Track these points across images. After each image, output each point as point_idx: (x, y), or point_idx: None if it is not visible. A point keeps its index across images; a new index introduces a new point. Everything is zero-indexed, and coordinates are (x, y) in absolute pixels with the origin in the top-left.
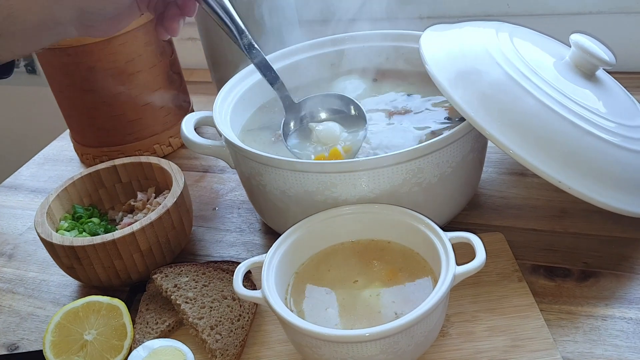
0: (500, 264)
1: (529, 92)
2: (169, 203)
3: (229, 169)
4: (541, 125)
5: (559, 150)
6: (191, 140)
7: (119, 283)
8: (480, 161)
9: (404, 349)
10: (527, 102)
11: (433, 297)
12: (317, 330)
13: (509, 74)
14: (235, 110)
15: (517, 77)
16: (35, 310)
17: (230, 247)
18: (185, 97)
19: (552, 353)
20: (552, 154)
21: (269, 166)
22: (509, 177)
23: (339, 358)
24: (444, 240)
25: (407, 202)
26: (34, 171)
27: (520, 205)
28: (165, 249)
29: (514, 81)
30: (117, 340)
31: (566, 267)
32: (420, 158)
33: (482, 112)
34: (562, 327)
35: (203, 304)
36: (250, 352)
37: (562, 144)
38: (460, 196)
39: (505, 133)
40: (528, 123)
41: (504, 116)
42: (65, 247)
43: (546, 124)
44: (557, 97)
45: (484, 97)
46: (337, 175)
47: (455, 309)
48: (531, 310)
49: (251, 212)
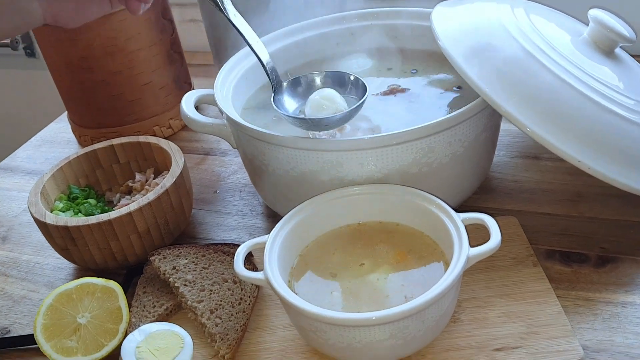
0: (514, 248)
1: (547, 67)
2: (167, 183)
3: (230, 151)
4: (559, 102)
5: (578, 128)
6: (191, 118)
7: (116, 266)
8: (493, 142)
9: (414, 334)
10: (545, 78)
11: (446, 279)
12: (322, 313)
13: (526, 49)
14: (237, 89)
15: (535, 52)
16: (28, 293)
17: (231, 231)
18: (187, 78)
19: (570, 340)
20: (571, 132)
21: (272, 144)
22: (521, 161)
23: (344, 343)
24: (456, 222)
25: (417, 183)
26: (30, 153)
27: (533, 189)
28: (163, 231)
29: (531, 56)
30: (112, 324)
31: (583, 252)
32: (431, 136)
33: (498, 88)
34: (579, 314)
35: (202, 287)
36: (252, 337)
37: (581, 121)
38: (471, 178)
39: (522, 110)
40: (546, 100)
41: (521, 92)
42: (59, 228)
43: (565, 100)
44: (576, 73)
45: (500, 73)
46: (344, 153)
47: (467, 294)
48: (547, 296)
49: (253, 195)
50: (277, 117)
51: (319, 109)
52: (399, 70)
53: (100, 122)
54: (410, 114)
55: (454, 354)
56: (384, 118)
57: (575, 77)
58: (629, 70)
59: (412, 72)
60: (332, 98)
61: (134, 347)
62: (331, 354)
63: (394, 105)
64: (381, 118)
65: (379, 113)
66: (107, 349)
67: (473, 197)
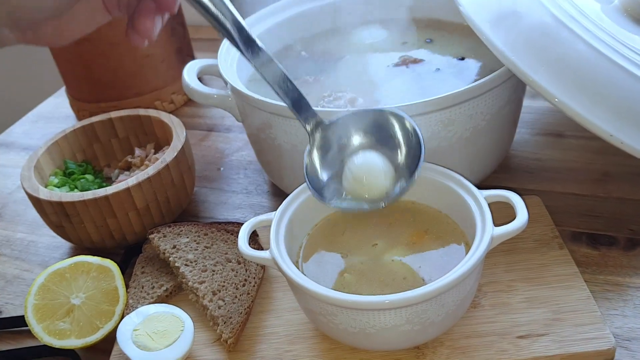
0: (538, 229)
1: (577, 35)
2: (168, 158)
3: (235, 127)
4: (590, 71)
5: (610, 99)
6: (193, 89)
7: (113, 245)
8: (515, 116)
9: (432, 319)
10: (575, 46)
11: (468, 260)
12: (333, 295)
13: (555, 15)
14: (243, 59)
15: (564, 18)
16: (21, 273)
17: (235, 210)
18: (189, 50)
19: (600, 327)
20: (603, 103)
21: (279, 116)
22: (544, 139)
23: (357, 328)
24: (478, 199)
25: (434, 159)
26: (27, 129)
27: (557, 168)
28: (164, 209)
29: (560, 23)
30: (107, 305)
31: (611, 234)
32: (451, 107)
33: (525, 56)
34: (608, 300)
35: (205, 267)
36: (256, 321)
37: (613, 92)
38: (492, 155)
39: (550, 80)
40: (576, 69)
41: (549, 61)
42: (53, 203)
43: (596, 70)
44: (607, 41)
45: (527, 41)
46: None
47: (488, 278)
48: (574, 280)
49: (259, 173)
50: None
51: (360, 184)
52: (415, 41)
53: (99, 96)
54: (424, 87)
55: (475, 341)
56: (395, 91)
57: (607, 45)
58: None
59: (427, 41)
60: (373, 172)
61: (130, 330)
62: (342, 340)
63: (406, 77)
64: (393, 91)
65: (391, 86)
66: (102, 332)
67: (492, 176)
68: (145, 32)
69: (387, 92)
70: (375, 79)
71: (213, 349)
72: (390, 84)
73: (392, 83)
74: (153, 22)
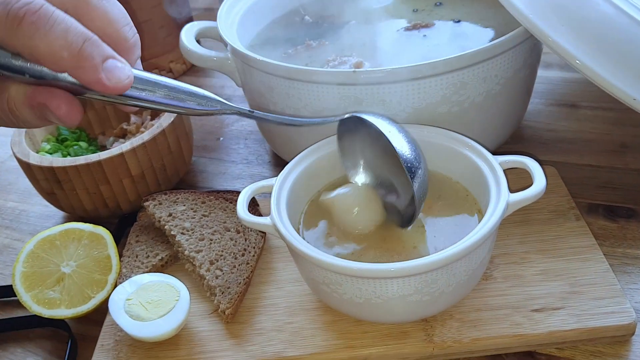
0: (553, 200)
1: None
2: (165, 123)
3: (235, 97)
4: (612, 31)
5: (636, 62)
6: (191, 51)
7: (107, 213)
8: (530, 83)
9: (442, 289)
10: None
11: (482, 228)
12: (338, 263)
13: None
14: (243, 23)
15: None
16: (12, 242)
17: (235, 180)
18: (189, 18)
19: (620, 302)
20: (627, 66)
21: (282, 78)
22: (558, 109)
23: (362, 298)
24: (493, 165)
25: (445, 125)
26: None
27: (572, 139)
28: (160, 176)
29: None
30: (99, 274)
31: (629, 206)
32: (464, 69)
33: (544, 15)
34: (628, 274)
35: (202, 236)
36: (256, 292)
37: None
38: (505, 123)
39: (570, 40)
40: (597, 29)
41: (569, 21)
42: (43, 169)
43: (618, 30)
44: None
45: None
46: (364, 88)
47: (500, 249)
48: (593, 253)
49: (260, 143)
50: (287, 54)
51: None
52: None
53: None
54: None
55: (487, 314)
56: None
57: (632, 5)
58: None
59: (436, 4)
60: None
61: (123, 300)
62: (346, 311)
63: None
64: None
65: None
66: (94, 302)
67: (504, 147)
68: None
69: (395, 56)
70: (383, 44)
71: (210, 320)
72: (399, 48)
73: (401, 47)
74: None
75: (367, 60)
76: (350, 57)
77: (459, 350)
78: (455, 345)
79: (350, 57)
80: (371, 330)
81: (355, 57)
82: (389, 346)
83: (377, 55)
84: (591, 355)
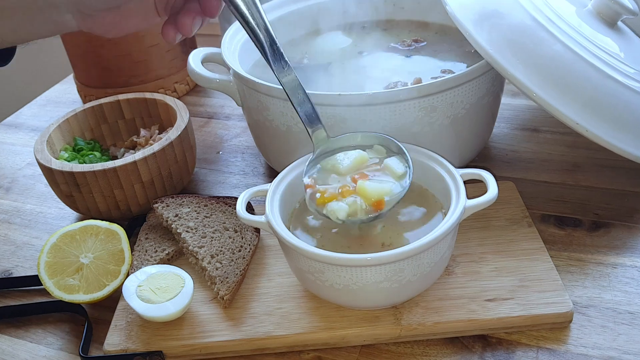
0: (510, 210)
1: (554, 35)
2: (172, 136)
3: (234, 115)
4: (564, 68)
5: (580, 93)
6: (198, 74)
7: (119, 215)
8: (493, 109)
9: (409, 278)
10: (551, 46)
11: (443, 226)
12: (321, 253)
13: (534, 16)
14: (245, 48)
15: (542, 20)
16: (31, 240)
17: (232, 189)
18: (193, 43)
19: (560, 294)
20: (573, 97)
21: (275, 98)
22: (521, 133)
23: (341, 285)
24: (455, 175)
25: (418, 142)
26: (35, 111)
27: (531, 159)
28: (167, 183)
29: (538, 24)
30: (114, 265)
31: (577, 217)
32: (434, 95)
33: (506, 54)
34: (571, 273)
35: (204, 234)
36: (251, 283)
37: (583, 87)
38: (471, 143)
39: (528, 75)
40: (551, 66)
41: (528, 59)
42: (64, 173)
43: (569, 67)
44: (580, 42)
45: (508, 40)
46: (347, 109)
47: (461, 250)
48: (540, 254)
49: (255, 157)
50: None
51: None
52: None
53: (106, 81)
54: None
55: (447, 303)
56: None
57: (580, 45)
58: (630, 42)
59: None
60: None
61: (135, 286)
62: (328, 297)
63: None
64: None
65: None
66: (108, 289)
67: (471, 164)
68: (184, 28)
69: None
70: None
71: (211, 305)
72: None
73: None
74: (193, 21)
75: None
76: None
77: (423, 332)
78: (419, 328)
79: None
80: (349, 314)
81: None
82: (363, 328)
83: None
84: (535, 339)
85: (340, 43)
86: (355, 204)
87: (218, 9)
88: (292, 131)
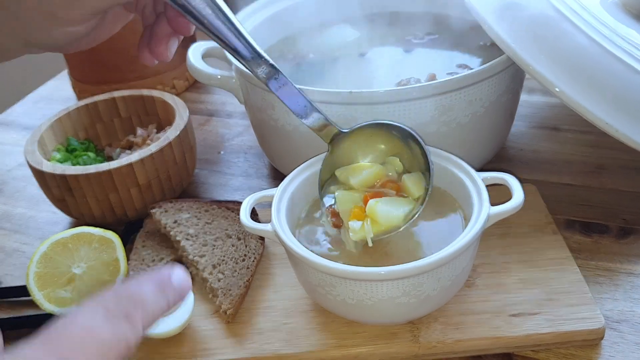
0: (532, 215)
1: (578, 27)
2: (171, 136)
3: (236, 113)
4: (589, 62)
5: (608, 90)
6: (198, 69)
7: (114, 220)
8: (513, 107)
9: (428, 292)
10: (575, 38)
11: (465, 237)
12: (332, 266)
13: (557, 7)
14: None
15: (565, 11)
16: (21, 246)
17: (235, 191)
18: (193, 37)
19: (591, 308)
20: (601, 93)
21: None
22: (540, 132)
23: (354, 300)
24: (476, 180)
25: (434, 143)
26: (27, 109)
27: (552, 160)
28: (165, 186)
29: (561, 15)
30: (108, 276)
31: (604, 223)
32: (451, 92)
33: (527, 47)
34: (600, 284)
35: (205, 242)
36: (255, 295)
37: (611, 83)
38: (490, 143)
39: (550, 69)
40: (575, 60)
41: (550, 52)
42: (56, 176)
43: (595, 61)
44: (606, 34)
45: (530, 32)
46: (359, 107)
47: (482, 259)
48: (567, 264)
49: (259, 157)
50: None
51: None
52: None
53: (102, 78)
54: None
55: (469, 318)
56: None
57: (606, 38)
58: None
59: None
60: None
61: None
62: (339, 312)
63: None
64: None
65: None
66: None
67: (489, 165)
68: (161, 56)
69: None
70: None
71: (212, 320)
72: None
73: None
74: (167, 46)
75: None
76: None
77: (443, 350)
78: (439, 345)
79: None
80: (362, 331)
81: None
82: (377, 345)
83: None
84: (564, 358)
85: (348, 36)
86: (363, 230)
87: (190, 26)
88: (298, 131)
